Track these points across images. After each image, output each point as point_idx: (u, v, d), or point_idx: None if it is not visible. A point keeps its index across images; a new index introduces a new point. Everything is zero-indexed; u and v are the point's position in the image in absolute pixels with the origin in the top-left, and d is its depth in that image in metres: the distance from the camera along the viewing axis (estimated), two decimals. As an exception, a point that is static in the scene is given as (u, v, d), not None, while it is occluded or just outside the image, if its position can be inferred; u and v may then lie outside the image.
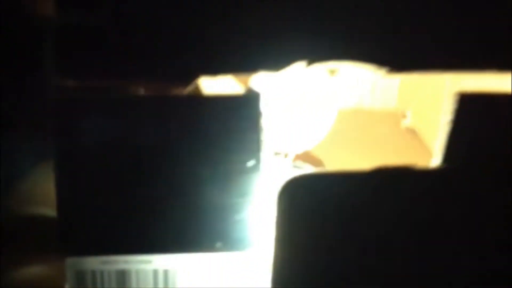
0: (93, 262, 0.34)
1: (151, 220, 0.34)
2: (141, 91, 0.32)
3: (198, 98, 0.32)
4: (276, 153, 0.46)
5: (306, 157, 0.50)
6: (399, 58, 0.31)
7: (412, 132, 0.56)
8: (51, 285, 0.36)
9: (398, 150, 0.54)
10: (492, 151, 0.30)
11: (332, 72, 0.46)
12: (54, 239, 0.34)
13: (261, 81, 0.41)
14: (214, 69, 0.32)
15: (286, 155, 0.45)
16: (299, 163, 0.49)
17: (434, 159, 0.31)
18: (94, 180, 0.33)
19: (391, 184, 0.27)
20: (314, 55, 0.31)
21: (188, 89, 0.32)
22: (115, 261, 0.34)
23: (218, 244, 0.34)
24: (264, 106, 0.32)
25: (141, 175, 0.33)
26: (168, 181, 0.33)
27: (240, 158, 0.33)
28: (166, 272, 0.35)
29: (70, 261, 0.34)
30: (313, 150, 0.52)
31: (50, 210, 0.35)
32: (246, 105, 0.32)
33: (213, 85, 0.40)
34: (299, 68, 0.31)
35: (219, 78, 0.32)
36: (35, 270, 0.37)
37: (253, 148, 0.33)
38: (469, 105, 0.30)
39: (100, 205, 0.34)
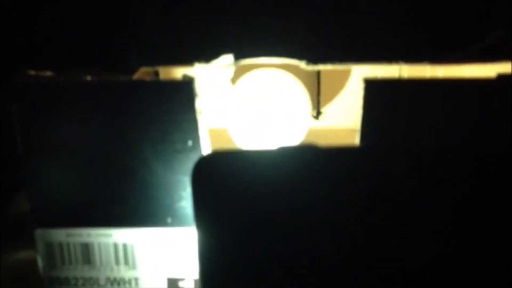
0: (60, 234, 0.37)
1: (107, 196, 0.36)
2: (88, 78, 0.35)
3: (139, 83, 0.34)
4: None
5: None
6: (316, 52, 0.32)
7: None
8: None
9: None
10: (399, 133, 0.30)
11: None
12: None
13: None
14: (153, 61, 0.34)
15: None
16: None
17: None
18: (55, 160, 0.36)
19: (295, 162, 0.28)
20: (242, 51, 0.33)
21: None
22: (79, 234, 0.37)
23: (169, 219, 0.36)
24: (198, 90, 0.34)
25: (93, 155, 0.36)
26: (116, 160, 0.36)
27: (180, 138, 0.35)
28: (125, 246, 0.37)
29: (39, 232, 0.37)
30: None
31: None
32: (182, 89, 0.34)
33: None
34: (227, 61, 0.33)
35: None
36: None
37: (191, 129, 0.35)
38: (375, 90, 0.30)
39: (62, 183, 0.37)
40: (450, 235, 0.26)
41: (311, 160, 0.26)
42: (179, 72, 0.40)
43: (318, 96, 0.59)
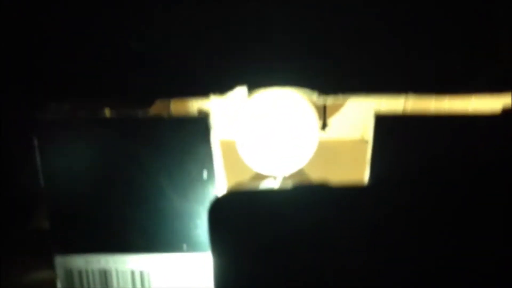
0: (79, 261, 0.39)
1: (125, 224, 0.38)
2: (107, 113, 0.37)
3: (157, 119, 0.36)
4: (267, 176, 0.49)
5: (300, 179, 0.52)
6: (329, 83, 0.34)
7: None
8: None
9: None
10: (407, 167, 0.32)
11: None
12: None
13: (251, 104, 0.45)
14: (169, 94, 0.36)
15: (274, 178, 0.48)
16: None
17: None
18: (76, 190, 0.38)
19: (308, 199, 0.29)
20: (256, 82, 0.35)
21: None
22: (97, 261, 0.39)
23: (184, 246, 0.38)
24: (214, 124, 0.35)
25: (113, 187, 0.37)
26: (136, 191, 0.37)
27: (195, 170, 0.37)
28: (142, 273, 0.39)
29: (59, 259, 0.39)
30: (312, 174, 0.54)
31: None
32: (198, 123, 0.35)
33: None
34: (243, 92, 0.34)
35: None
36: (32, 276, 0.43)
37: (206, 161, 0.36)
38: (385, 125, 0.31)
39: (82, 211, 0.38)
40: (459, 268, 0.28)
41: (323, 198, 0.28)
42: (190, 104, 0.41)
43: (324, 108, 0.60)
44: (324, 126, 0.60)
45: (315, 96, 0.35)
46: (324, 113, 0.60)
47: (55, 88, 0.37)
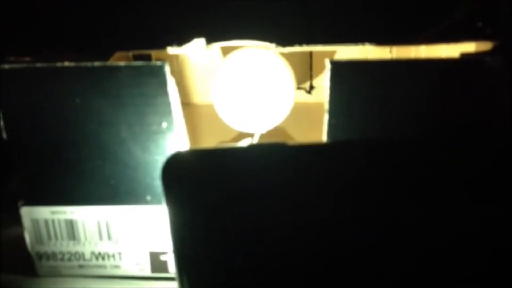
0: (45, 212, 0.39)
1: (89, 176, 0.38)
2: (65, 63, 0.36)
3: (113, 67, 0.35)
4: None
5: (279, 137, 0.52)
6: (285, 35, 0.33)
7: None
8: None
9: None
10: (363, 113, 0.31)
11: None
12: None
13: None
14: (127, 46, 0.35)
15: (252, 137, 0.48)
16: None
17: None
18: (38, 143, 0.38)
19: (264, 157, 0.28)
20: (213, 34, 0.34)
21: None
22: (63, 212, 0.39)
23: (148, 197, 0.38)
24: (169, 73, 0.35)
25: (75, 139, 0.37)
26: (96, 142, 0.37)
27: (155, 120, 0.36)
28: (107, 223, 0.39)
29: (25, 209, 0.39)
30: (296, 136, 0.53)
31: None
32: (154, 72, 0.35)
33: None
34: (201, 45, 0.34)
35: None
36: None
37: (165, 111, 0.36)
38: (340, 71, 0.31)
39: (45, 163, 0.38)
40: (417, 223, 0.27)
41: (280, 157, 0.27)
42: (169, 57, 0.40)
43: (311, 71, 0.60)
44: (310, 88, 0.59)
45: (273, 47, 0.34)
46: (310, 76, 0.59)
47: (13, 41, 0.36)
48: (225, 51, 0.46)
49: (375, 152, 0.27)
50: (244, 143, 0.50)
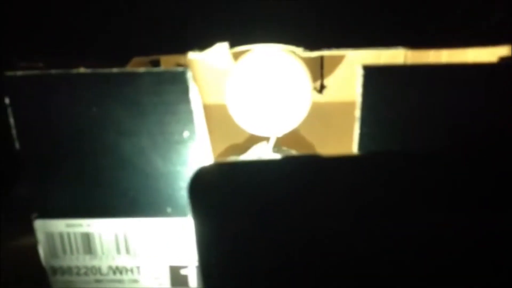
0: (60, 225, 0.37)
1: (107, 187, 0.36)
2: (81, 70, 0.34)
3: (132, 74, 0.33)
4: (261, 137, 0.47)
5: (296, 141, 0.50)
6: (312, 39, 0.32)
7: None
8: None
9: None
10: (396, 120, 0.29)
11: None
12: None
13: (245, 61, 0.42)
14: (147, 51, 0.33)
15: (267, 140, 0.46)
16: (284, 148, 0.49)
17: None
18: (53, 153, 0.36)
19: (298, 172, 0.27)
20: (237, 39, 0.32)
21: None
22: (79, 224, 0.37)
23: (169, 209, 0.36)
24: (192, 80, 0.33)
25: (90, 147, 0.35)
26: (114, 152, 0.35)
27: (176, 129, 0.34)
28: (125, 236, 0.37)
29: (39, 222, 0.37)
30: (308, 136, 0.52)
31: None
32: (176, 78, 0.33)
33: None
34: (225, 49, 0.32)
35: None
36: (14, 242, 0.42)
37: (187, 120, 0.34)
38: (373, 77, 0.29)
39: (61, 173, 0.36)
40: (453, 239, 0.26)
41: (313, 169, 0.26)
42: (180, 61, 0.39)
43: (322, 70, 0.58)
44: (321, 88, 0.58)
45: (300, 51, 0.33)
46: (321, 76, 0.57)
47: (26, 46, 0.35)
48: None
49: (413, 165, 0.26)
50: (259, 147, 0.48)
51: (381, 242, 0.26)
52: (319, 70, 0.58)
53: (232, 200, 0.27)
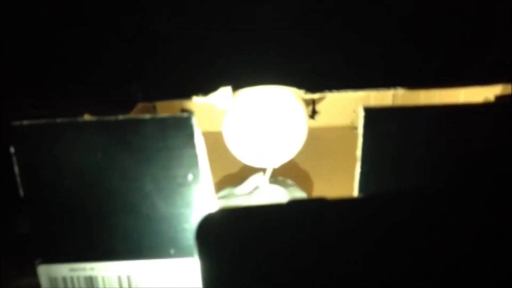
0: (63, 269, 0.38)
1: (110, 231, 0.37)
2: (86, 117, 0.35)
3: (137, 120, 0.34)
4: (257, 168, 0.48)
5: (290, 169, 0.51)
6: (313, 80, 0.33)
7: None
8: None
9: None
10: (397, 159, 0.31)
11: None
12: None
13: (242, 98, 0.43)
14: (152, 97, 0.35)
15: (264, 171, 0.47)
16: (280, 178, 0.51)
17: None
18: (57, 198, 0.37)
19: (305, 216, 0.28)
20: (240, 82, 0.33)
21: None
22: (82, 268, 0.38)
23: (172, 251, 0.37)
24: (196, 124, 0.34)
25: (96, 193, 0.36)
26: (119, 196, 0.36)
27: (180, 173, 0.35)
28: (129, 278, 0.38)
29: (43, 267, 0.37)
30: (301, 163, 0.53)
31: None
32: (181, 124, 0.34)
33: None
34: (228, 93, 0.33)
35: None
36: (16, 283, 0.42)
37: (191, 163, 0.35)
38: (375, 118, 0.30)
39: (64, 219, 0.37)
40: (462, 275, 0.27)
41: (320, 213, 0.27)
42: (177, 105, 0.40)
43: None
44: (313, 113, 0.59)
45: (302, 93, 0.34)
46: (313, 102, 0.59)
47: (33, 94, 0.35)
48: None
49: (418, 204, 0.27)
50: (256, 177, 0.49)
51: (388, 284, 0.27)
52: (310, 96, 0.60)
53: (239, 245, 0.27)
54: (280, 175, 0.50)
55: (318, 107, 0.59)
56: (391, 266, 0.27)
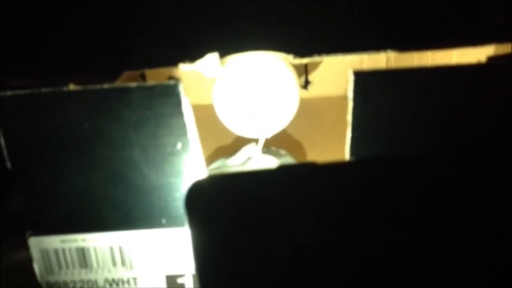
0: (54, 241, 0.37)
1: (101, 202, 0.36)
2: (71, 87, 0.34)
3: (123, 89, 0.34)
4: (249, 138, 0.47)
5: (283, 139, 0.51)
6: (301, 44, 0.32)
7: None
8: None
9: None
10: (388, 124, 0.30)
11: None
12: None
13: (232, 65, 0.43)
14: (137, 64, 0.34)
15: (256, 142, 0.46)
16: (273, 148, 0.50)
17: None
18: (45, 169, 0.36)
19: (295, 181, 0.27)
20: (227, 48, 0.33)
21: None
22: (74, 240, 0.37)
23: (163, 220, 0.37)
24: (183, 92, 0.33)
25: (85, 164, 0.35)
26: (107, 166, 0.35)
27: (169, 142, 0.35)
28: (121, 248, 0.37)
29: (34, 240, 0.37)
30: (295, 134, 0.53)
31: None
32: (168, 92, 0.34)
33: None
34: (215, 60, 0.32)
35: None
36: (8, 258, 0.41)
37: (179, 132, 0.35)
38: (364, 82, 0.30)
39: (54, 190, 0.36)
40: (452, 241, 0.27)
41: (309, 177, 0.26)
42: (166, 74, 0.39)
43: (306, 66, 0.59)
44: (306, 84, 0.59)
45: (291, 58, 0.33)
46: (305, 71, 0.58)
47: (15, 65, 0.35)
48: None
49: (409, 169, 0.27)
50: (249, 148, 0.49)
51: (380, 248, 0.27)
52: (303, 66, 0.59)
53: (228, 211, 0.27)
54: (273, 146, 0.50)
55: (311, 77, 0.59)
56: (383, 231, 0.27)
